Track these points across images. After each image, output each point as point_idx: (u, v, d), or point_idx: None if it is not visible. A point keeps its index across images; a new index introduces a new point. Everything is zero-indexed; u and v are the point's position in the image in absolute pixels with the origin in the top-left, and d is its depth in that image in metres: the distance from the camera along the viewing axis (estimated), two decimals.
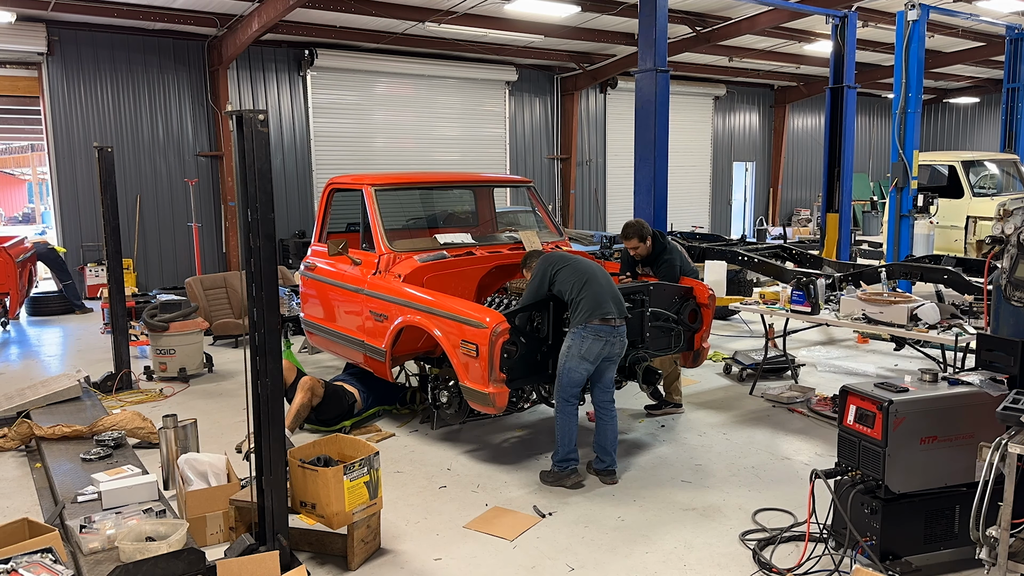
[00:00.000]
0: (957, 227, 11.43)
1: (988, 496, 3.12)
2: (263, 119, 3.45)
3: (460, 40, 13.76)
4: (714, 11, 12.89)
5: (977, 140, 22.76)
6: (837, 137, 10.22)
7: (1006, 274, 3.72)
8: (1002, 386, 3.72)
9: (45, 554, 3.34)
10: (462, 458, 5.42)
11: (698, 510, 4.55)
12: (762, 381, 6.98)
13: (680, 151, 17.73)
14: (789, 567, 3.81)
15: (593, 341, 4.77)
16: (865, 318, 5.89)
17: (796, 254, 8.75)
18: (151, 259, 12.73)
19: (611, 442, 5.00)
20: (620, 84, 17.19)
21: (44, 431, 5.38)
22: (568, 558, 4.01)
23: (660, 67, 7.90)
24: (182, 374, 7.47)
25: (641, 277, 6.16)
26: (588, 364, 4.80)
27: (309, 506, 3.93)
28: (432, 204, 7.78)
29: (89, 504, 4.25)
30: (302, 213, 13.90)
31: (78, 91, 11.93)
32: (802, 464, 5.22)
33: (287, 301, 9.17)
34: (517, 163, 16.52)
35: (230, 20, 11.58)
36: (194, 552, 3.49)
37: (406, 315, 5.40)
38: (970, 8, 12.49)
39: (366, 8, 11.35)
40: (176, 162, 12.81)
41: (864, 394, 3.73)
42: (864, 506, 3.70)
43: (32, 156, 30.87)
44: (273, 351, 3.56)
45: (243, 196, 3.50)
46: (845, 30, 10.07)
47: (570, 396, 4.87)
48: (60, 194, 12.05)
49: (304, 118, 13.91)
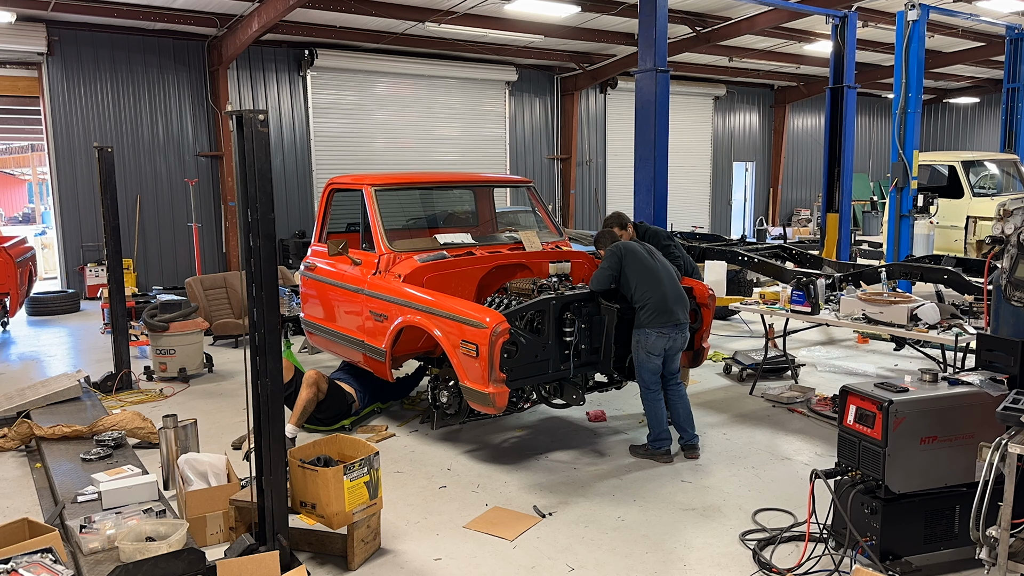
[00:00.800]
0: (957, 227, 11.42)
1: (988, 496, 3.12)
2: (263, 119, 3.45)
3: (460, 40, 13.76)
4: (714, 11, 12.89)
5: (977, 140, 22.76)
6: (837, 137, 10.22)
7: (1006, 274, 3.72)
8: (1002, 386, 3.72)
9: (45, 554, 3.34)
10: (462, 458, 5.42)
11: (698, 510, 4.55)
12: (762, 381, 6.98)
13: (680, 151, 17.73)
14: (789, 567, 3.80)
15: (657, 338, 5.12)
16: (865, 318, 5.89)
17: (796, 254, 8.75)
18: (151, 259, 12.73)
19: (684, 418, 5.36)
20: (620, 84, 17.19)
21: (44, 431, 5.38)
22: (568, 558, 4.01)
23: (660, 67, 7.90)
24: (182, 374, 7.47)
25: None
26: (655, 357, 5.15)
27: (309, 506, 3.93)
28: (432, 204, 7.78)
29: (89, 504, 4.25)
30: (302, 213, 13.90)
31: (78, 91, 11.93)
32: (802, 464, 5.21)
33: (287, 301, 9.17)
34: (517, 163, 16.52)
35: (230, 20, 11.58)
36: (194, 552, 3.49)
37: (406, 315, 5.40)
38: (970, 8, 12.50)
39: (366, 8, 11.35)
40: (176, 162, 12.81)
41: (864, 394, 3.73)
42: (864, 506, 3.70)
43: (32, 156, 30.86)
44: (273, 351, 3.56)
45: (243, 196, 3.50)
46: (845, 30, 10.07)
47: (650, 383, 5.22)
48: (60, 194, 12.05)
49: (304, 118, 13.91)
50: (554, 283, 5.57)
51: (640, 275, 5.14)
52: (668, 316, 5.09)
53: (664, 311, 5.08)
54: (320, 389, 5.81)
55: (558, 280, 5.73)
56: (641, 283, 5.11)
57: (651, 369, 5.17)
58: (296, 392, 5.81)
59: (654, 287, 5.11)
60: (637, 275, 5.13)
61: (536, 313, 5.07)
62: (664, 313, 5.08)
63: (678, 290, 5.25)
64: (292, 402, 5.81)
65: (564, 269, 6.00)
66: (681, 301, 5.22)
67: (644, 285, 5.11)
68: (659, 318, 5.07)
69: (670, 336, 5.14)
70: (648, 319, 5.08)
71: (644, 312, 5.09)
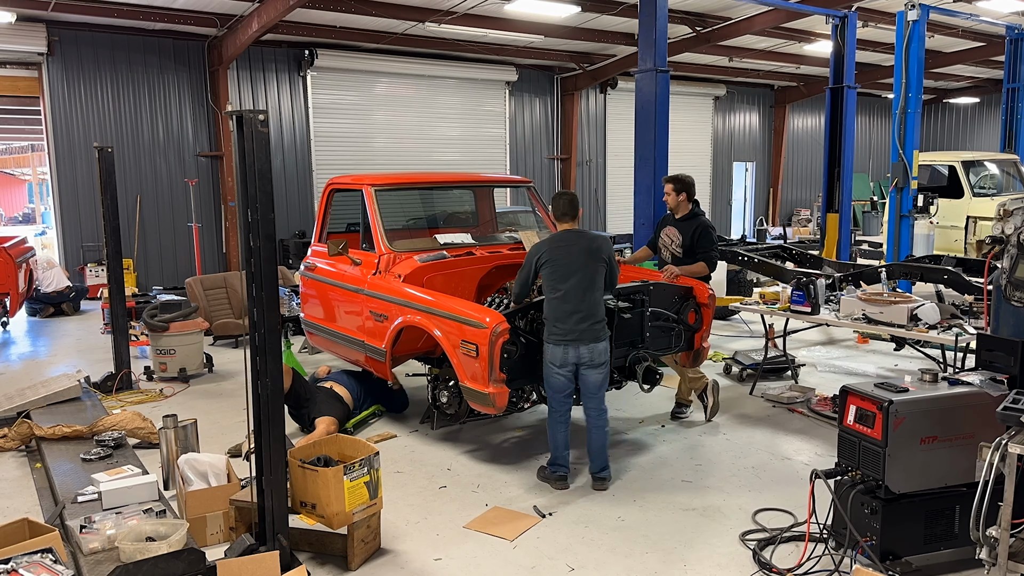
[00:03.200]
0: (957, 227, 11.42)
1: (988, 496, 3.12)
2: (263, 119, 3.45)
3: (460, 40, 13.76)
4: (714, 11, 12.89)
5: (977, 140, 22.75)
6: (837, 137, 10.22)
7: (1006, 274, 3.72)
8: (1002, 386, 3.71)
9: (45, 554, 3.34)
10: (462, 458, 5.42)
11: (698, 510, 4.55)
12: (762, 381, 6.98)
13: (680, 151, 17.67)
14: (789, 567, 3.81)
15: (553, 348, 4.68)
16: (865, 318, 5.89)
17: (796, 254, 8.76)
18: (151, 259, 12.72)
19: (596, 448, 4.87)
20: (620, 84, 17.18)
21: (44, 431, 5.38)
22: (568, 558, 4.01)
23: (660, 67, 7.91)
24: (182, 374, 7.47)
25: (666, 234, 6.10)
26: (561, 371, 4.68)
27: (309, 506, 3.93)
28: (432, 204, 7.78)
29: (89, 504, 4.25)
30: (302, 213, 13.90)
31: (78, 91, 11.93)
32: (802, 464, 5.22)
33: (287, 301, 9.17)
34: (517, 163, 16.52)
35: (230, 20, 11.58)
36: (194, 552, 3.49)
37: (406, 315, 5.40)
38: (970, 8, 12.49)
39: (366, 8, 11.35)
40: (176, 162, 12.81)
41: (864, 394, 3.73)
42: (864, 506, 3.70)
43: (32, 156, 30.89)
44: (273, 351, 3.56)
45: (243, 196, 3.50)
46: (845, 30, 10.07)
47: (553, 402, 4.81)
48: (60, 194, 12.05)
49: (304, 118, 13.91)
50: None
51: (551, 273, 4.73)
52: (561, 324, 4.67)
53: (558, 318, 4.69)
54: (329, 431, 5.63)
55: None
56: (552, 284, 4.73)
57: (553, 386, 4.76)
58: (291, 399, 5.76)
59: (562, 290, 4.69)
60: (550, 274, 4.74)
61: (536, 313, 5.06)
62: (558, 321, 4.68)
63: (589, 303, 4.72)
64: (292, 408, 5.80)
65: None
66: (587, 316, 4.68)
67: (554, 287, 4.72)
68: (553, 326, 4.70)
69: (568, 350, 4.69)
70: (546, 325, 4.74)
71: (546, 316, 4.75)
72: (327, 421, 5.59)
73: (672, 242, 6.08)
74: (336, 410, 5.83)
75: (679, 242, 6.03)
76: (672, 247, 6.08)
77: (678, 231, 6.05)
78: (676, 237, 6.06)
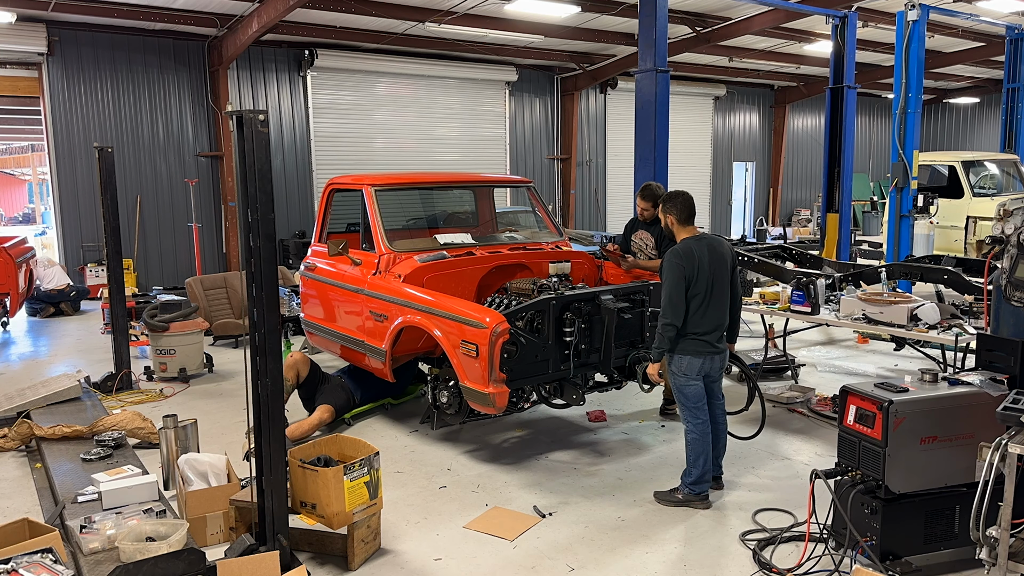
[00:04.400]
0: (957, 227, 11.42)
1: (988, 496, 3.12)
2: (263, 119, 3.46)
3: (460, 40, 13.76)
4: (714, 11, 12.89)
5: (977, 140, 22.75)
6: (837, 137, 10.22)
7: (1006, 274, 3.72)
8: (1002, 386, 3.71)
9: (45, 554, 3.34)
10: (462, 458, 5.42)
11: (698, 510, 4.55)
12: (762, 381, 6.98)
13: (680, 151, 17.72)
14: (789, 567, 3.81)
15: (691, 359, 4.55)
16: (865, 318, 5.88)
17: (796, 254, 8.74)
18: (151, 259, 12.72)
19: (719, 451, 4.84)
20: (620, 84, 17.18)
21: (44, 431, 5.38)
22: (568, 558, 4.01)
23: (660, 67, 7.90)
24: (182, 374, 7.47)
25: (639, 238, 6.23)
26: (697, 380, 4.58)
27: (309, 506, 3.93)
28: (432, 204, 7.78)
29: (89, 504, 4.25)
30: (302, 213, 13.90)
31: (78, 91, 11.93)
32: (802, 464, 5.22)
33: (287, 301, 9.17)
34: (517, 163, 16.52)
35: (230, 20, 11.58)
36: (194, 552, 3.49)
37: (406, 315, 5.40)
38: (970, 8, 12.49)
39: (366, 8, 11.35)
40: (176, 162, 12.81)
41: (864, 394, 3.73)
42: (864, 506, 3.70)
43: (32, 156, 30.89)
44: (273, 351, 3.56)
45: (243, 196, 3.50)
46: (845, 30, 10.07)
47: (698, 413, 4.62)
48: (60, 194, 12.05)
49: (304, 118, 13.91)
50: (554, 283, 5.58)
51: (697, 290, 4.56)
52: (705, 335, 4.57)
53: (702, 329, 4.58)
54: (299, 374, 6.00)
55: (558, 280, 5.74)
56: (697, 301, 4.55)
57: (688, 395, 4.63)
58: (308, 388, 6.04)
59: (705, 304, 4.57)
60: (696, 292, 4.56)
61: (536, 313, 5.06)
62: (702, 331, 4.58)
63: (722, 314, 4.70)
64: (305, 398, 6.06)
65: (564, 269, 6.01)
66: (721, 325, 4.67)
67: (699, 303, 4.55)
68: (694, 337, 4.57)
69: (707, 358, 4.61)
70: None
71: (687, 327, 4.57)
72: (322, 409, 5.84)
73: (647, 245, 6.26)
74: (337, 399, 6.01)
75: (652, 244, 6.23)
76: (647, 250, 6.26)
77: (649, 234, 6.25)
78: (649, 240, 6.25)
